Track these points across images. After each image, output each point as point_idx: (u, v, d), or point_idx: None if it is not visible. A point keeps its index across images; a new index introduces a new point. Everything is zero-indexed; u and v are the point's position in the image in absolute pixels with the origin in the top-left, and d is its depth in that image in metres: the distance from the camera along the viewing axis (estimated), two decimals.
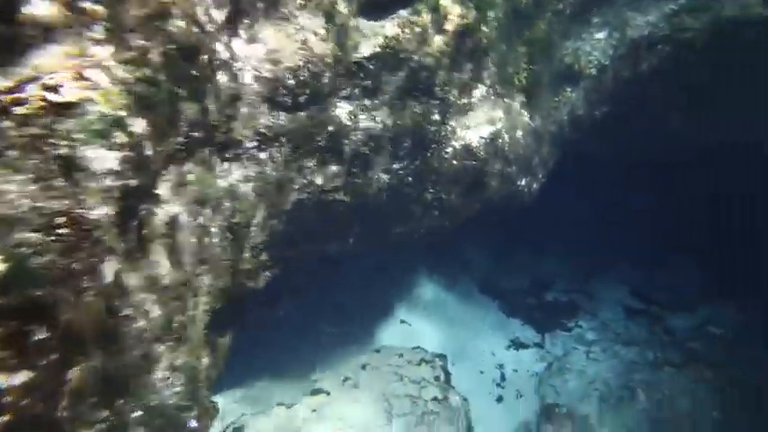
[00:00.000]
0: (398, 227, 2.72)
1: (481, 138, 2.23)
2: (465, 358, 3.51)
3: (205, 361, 1.48)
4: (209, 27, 1.22)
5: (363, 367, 2.77)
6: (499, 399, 3.18)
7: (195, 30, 1.15)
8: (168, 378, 1.12)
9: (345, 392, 2.47)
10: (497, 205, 2.65)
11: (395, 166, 2.23)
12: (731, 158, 2.78)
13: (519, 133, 2.34)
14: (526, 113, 2.37)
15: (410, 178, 2.33)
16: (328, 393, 2.39)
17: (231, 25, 1.33)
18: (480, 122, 2.21)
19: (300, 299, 3.33)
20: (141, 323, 1.05)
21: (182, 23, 1.08)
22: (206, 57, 1.22)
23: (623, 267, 4.07)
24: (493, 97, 2.22)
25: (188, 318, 1.30)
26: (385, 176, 2.22)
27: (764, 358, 2.62)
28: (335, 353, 2.97)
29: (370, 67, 1.77)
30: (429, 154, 2.29)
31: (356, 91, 1.79)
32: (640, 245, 4.12)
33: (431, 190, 2.41)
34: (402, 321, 3.71)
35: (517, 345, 3.67)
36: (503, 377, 3.36)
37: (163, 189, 1.15)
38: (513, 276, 4.33)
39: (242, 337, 2.47)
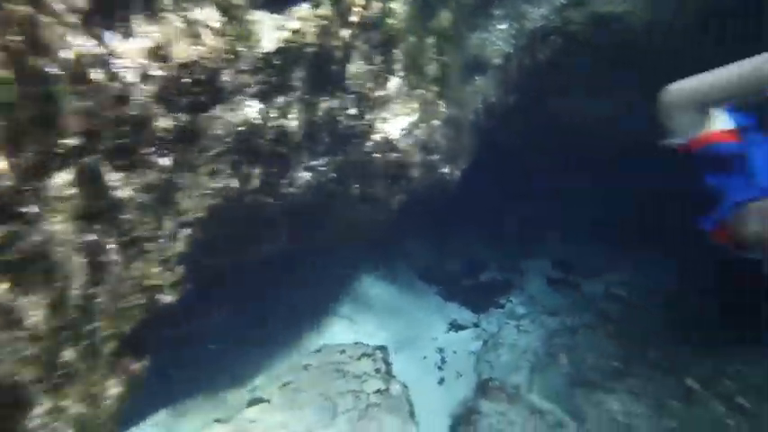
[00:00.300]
0: (331, 224, 2.69)
1: (401, 129, 2.25)
2: (408, 346, 3.60)
3: (113, 392, 1.35)
4: (70, 17, 1.08)
5: (305, 368, 2.72)
6: (441, 381, 3.29)
7: (50, 19, 1.01)
8: (48, 424, 0.99)
9: (286, 397, 2.40)
10: (423, 195, 2.72)
11: (315, 163, 2.18)
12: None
13: (436, 123, 2.41)
14: (442, 103, 2.45)
15: (334, 174, 2.30)
16: (268, 401, 2.32)
17: (102, 15, 1.19)
18: (398, 114, 2.24)
19: (236, 307, 3.18)
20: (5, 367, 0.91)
21: (24, 8, 0.94)
22: (68, 51, 1.08)
23: (546, 245, 4.43)
24: (407, 89, 2.25)
25: (81, 349, 1.16)
26: (307, 174, 2.17)
27: (658, 315, 2.97)
28: (275, 358, 2.89)
29: (276, 62, 1.70)
30: (350, 149, 2.28)
31: (264, 88, 1.71)
32: (559, 223, 4.50)
33: (356, 185, 2.41)
34: (346, 318, 3.71)
35: (456, 327, 3.82)
36: (443, 360, 3.48)
37: (30, 207, 1.01)
38: (450, 263, 4.51)
39: (167, 356, 2.29)
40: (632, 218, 3.41)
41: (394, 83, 2.18)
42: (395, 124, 2.17)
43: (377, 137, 2.23)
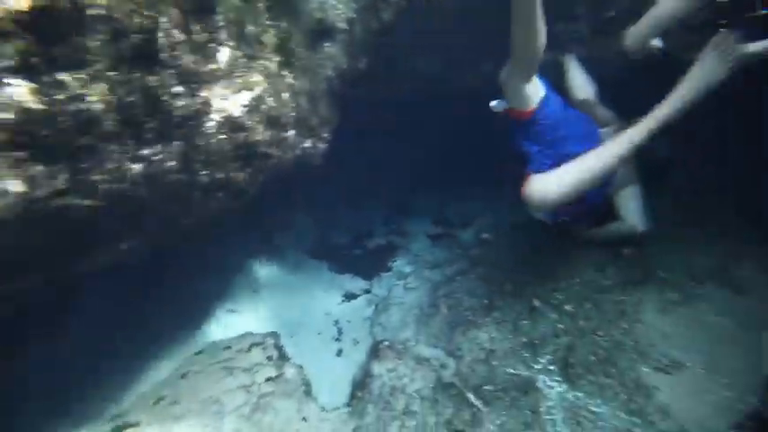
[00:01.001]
0: (185, 217, 2.43)
1: (243, 106, 2.07)
2: (303, 326, 3.56)
3: None
4: None
5: (183, 377, 2.50)
6: (339, 352, 3.34)
7: None
8: None
9: (161, 414, 2.19)
10: (287, 172, 2.61)
11: (145, 152, 1.91)
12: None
13: (285, 95, 2.28)
14: (288, 73, 2.31)
15: (173, 163, 2.04)
16: (137, 424, 2.08)
17: None
18: (237, 89, 2.05)
19: (97, 320, 2.78)
20: None
21: None
22: None
23: (422, 203, 4.69)
24: (245, 60, 2.07)
25: None
26: (136, 166, 1.89)
27: (512, 251, 3.39)
28: (147, 372, 2.61)
29: (49, 25, 1.37)
30: (189, 133, 2.04)
31: (37, 61, 1.38)
32: (432, 180, 4.78)
33: (203, 171, 2.18)
34: (232, 310, 3.50)
35: (349, 297, 3.89)
36: (340, 332, 3.53)
37: None
38: (338, 235, 4.53)
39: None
40: (490, 165, 3.68)
41: (224, 54, 1.97)
42: (236, 100, 1.98)
43: (216, 116, 2.02)
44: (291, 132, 2.41)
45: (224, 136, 2.07)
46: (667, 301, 2.55)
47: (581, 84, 2.89)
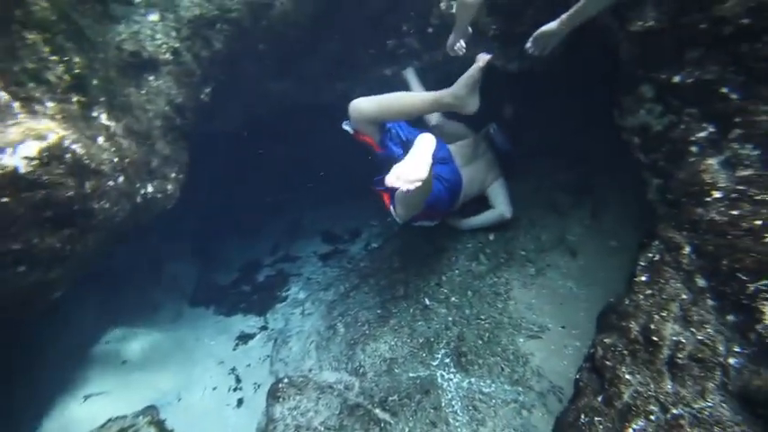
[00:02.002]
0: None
1: (30, 158, 1.72)
2: (192, 385, 3.18)
3: None
4: None
5: None
6: (239, 403, 3.06)
7: None
8: None
9: None
10: (126, 224, 2.28)
11: None
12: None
13: (101, 139, 1.98)
14: (101, 114, 2.02)
15: None
16: None
17: None
18: (18, 139, 1.70)
19: None
20: None
21: None
22: None
23: (307, 225, 4.59)
24: (19, 104, 1.72)
25: None
26: None
27: (399, 255, 3.47)
28: None
29: None
30: None
31: None
32: (313, 201, 4.71)
33: (16, 245, 1.78)
34: (97, 394, 2.95)
35: (244, 338, 3.59)
36: (238, 379, 3.24)
37: None
38: (219, 275, 4.17)
39: None
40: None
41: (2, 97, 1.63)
42: (18, 152, 1.64)
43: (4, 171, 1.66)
44: (121, 179, 2.11)
45: (6, 198, 1.69)
46: (527, 276, 2.84)
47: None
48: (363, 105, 2.29)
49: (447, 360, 2.62)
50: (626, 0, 1.85)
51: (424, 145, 2.03)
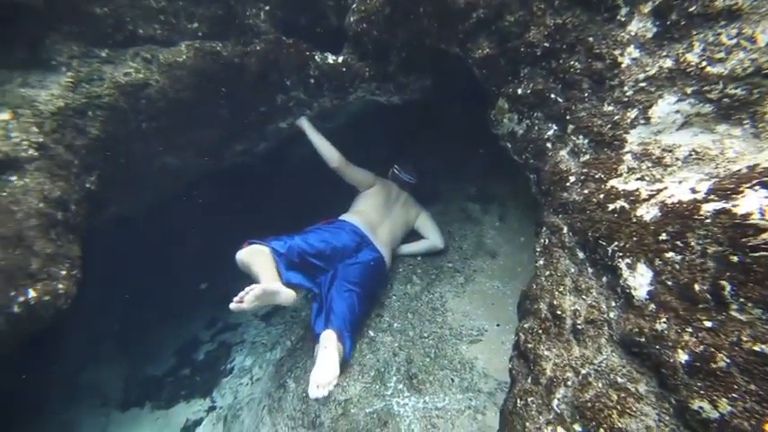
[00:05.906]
0: None
1: None
2: None
3: None
4: None
5: None
6: None
7: None
8: None
9: None
10: (4, 340, 2.07)
11: None
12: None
13: None
14: None
15: None
16: None
17: None
18: None
19: None
20: None
21: None
22: None
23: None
24: None
25: None
26: None
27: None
28: None
29: None
30: None
31: None
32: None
33: None
34: None
35: (192, 426, 3.31)
36: None
37: None
38: (152, 365, 3.84)
39: None
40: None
41: None
42: None
43: None
44: None
45: None
46: (458, 285, 3.02)
47: (325, 151, 3.15)
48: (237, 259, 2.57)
49: (400, 386, 2.64)
50: (463, 36, 2.17)
51: (328, 349, 2.42)
